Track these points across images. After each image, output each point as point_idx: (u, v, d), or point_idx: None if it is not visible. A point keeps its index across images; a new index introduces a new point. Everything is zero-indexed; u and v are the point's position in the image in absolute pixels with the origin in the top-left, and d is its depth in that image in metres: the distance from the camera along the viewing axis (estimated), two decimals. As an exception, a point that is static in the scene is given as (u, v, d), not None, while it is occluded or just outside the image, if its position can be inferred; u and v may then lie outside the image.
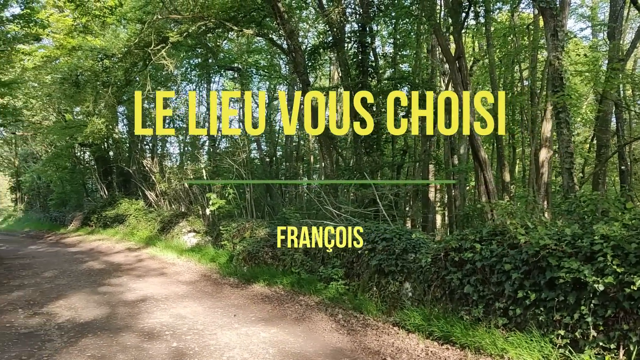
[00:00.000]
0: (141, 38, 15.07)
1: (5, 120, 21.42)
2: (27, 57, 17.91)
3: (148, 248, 16.52)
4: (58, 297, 9.31)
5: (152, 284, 10.62)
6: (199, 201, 17.51)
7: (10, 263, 14.19)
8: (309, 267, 9.20)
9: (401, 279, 7.12)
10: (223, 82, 26.23)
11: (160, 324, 7.23)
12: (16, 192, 42.67)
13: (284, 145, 23.16)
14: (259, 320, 7.35)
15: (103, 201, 25.34)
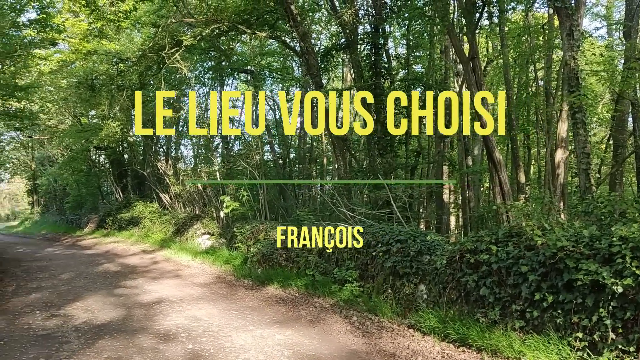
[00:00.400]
0: (155, 42, 15.20)
1: (22, 124, 21.71)
2: (43, 62, 18.14)
3: (163, 250, 16.65)
4: (75, 299, 9.42)
5: (167, 286, 10.69)
6: (213, 203, 17.60)
7: (28, 265, 14.39)
8: (323, 269, 9.19)
9: (416, 281, 7.09)
10: (236, 85, 26.39)
11: (175, 325, 7.28)
12: (33, 195, 43.26)
13: (297, 147, 23.19)
14: (273, 322, 7.36)
15: (118, 204, 25.59)
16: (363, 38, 14.52)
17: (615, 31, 20.17)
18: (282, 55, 23.44)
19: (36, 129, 30.10)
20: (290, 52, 24.41)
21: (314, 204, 17.57)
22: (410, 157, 14.89)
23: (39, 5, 16.30)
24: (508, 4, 13.50)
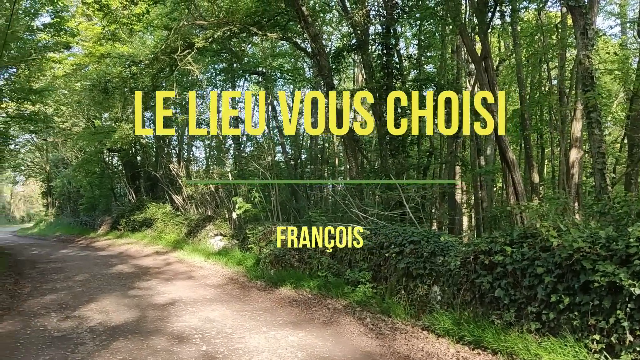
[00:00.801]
0: (167, 44, 15.29)
1: (37, 126, 21.99)
2: (57, 65, 18.36)
3: (176, 252, 16.75)
4: (89, 300, 9.50)
5: (181, 287, 10.75)
6: (225, 205, 17.66)
7: (43, 267, 14.55)
8: (336, 270, 9.18)
9: (429, 282, 7.05)
10: (248, 86, 26.48)
11: (189, 327, 7.31)
12: (47, 197, 43.76)
13: (309, 148, 23.22)
14: (286, 324, 7.36)
15: (131, 205, 25.78)
16: (374, 38, 14.51)
17: (629, 29, 19.93)
18: (293, 57, 23.50)
19: (50, 132, 30.41)
20: (301, 53, 24.50)
21: (326, 204, 17.55)
22: (422, 158, 14.83)
23: (53, 9, 16.52)
24: (520, 2, 13.40)
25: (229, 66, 19.53)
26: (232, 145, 24.61)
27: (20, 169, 43.15)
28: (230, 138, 22.57)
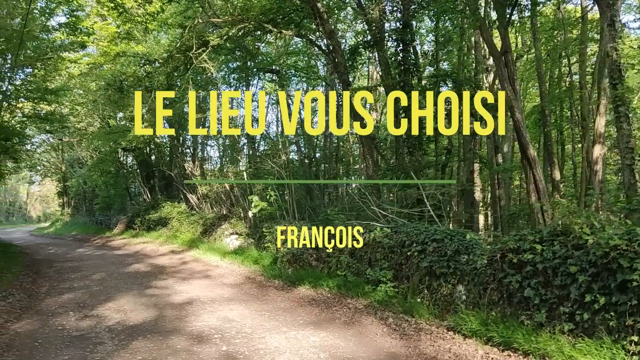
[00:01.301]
0: (182, 42, 15.24)
1: (53, 126, 22.11)
2: (73, 65, 18.42)
3: (191, 250, 16.70)
4: (107, 299, 9.45)
5: (198, 286, 10.66)
6: (241, 203, 17.56)
7: (60, 266, 14.58)
8: (355, 269, 9.01)
9: (454, 282, 6.86)
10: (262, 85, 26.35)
11: (208, 327, 7.20)
12: (63, 197, 44.10)
13: (323, 146, 23.04)
14: (307, 324, 7.22)
15: (146, 205, 25.83)
16: (391, 35, 14.29)
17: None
18: (307, 55, 23.35)
19: (66, 132, 30.59)
20: (315, 51, 24.35)
21: (342, 203, 17.36)
22: (440, 155, 14.59)
23: (68, 9, 16.55)
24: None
25: (243, 64, 19.41)
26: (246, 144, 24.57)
27: (36, 169, 43.55)
28: (245, 137, 22.52)
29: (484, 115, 10.81)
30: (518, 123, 12.03)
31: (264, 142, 24.84)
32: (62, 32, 16.27)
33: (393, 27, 15.20)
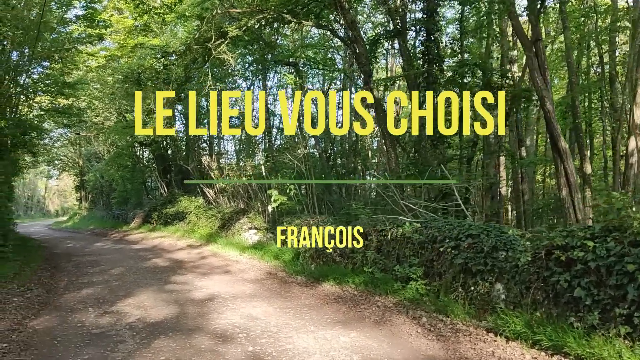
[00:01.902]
0: (200, 34, 14.95)
1: (70, 120, 22.03)
2: (90, 58, 18.29)
3: (209, 245, 16.48)
4: (127, 295, 9.23)
5: (218, 282, 10.40)
6: (259, 197, 17.28)
7: (79, 260, 14.45)
8: (382, 266, 8.66)
9: (491, 280, 6.47)
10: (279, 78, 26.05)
11: (232, 325, 6.91)
12: (81, 191, 44.35)
13: (341, 140, 22.65)
14: (335, 323, 6.89)
15: (163, 199, 25.70)
16: (415, 24, 13.84)
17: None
18: (324, 48, 22.93)
19: (83, 126, 30.64)
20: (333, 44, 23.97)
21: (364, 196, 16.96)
22: (464, 148, 14.15)
23: (85, 1, 16.38)
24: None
25: (261, 56, 19.07)
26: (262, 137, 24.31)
27: (54, 164, 43.84)
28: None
29: (484, 115, 10.50)
30: (549, 114, 11.59)
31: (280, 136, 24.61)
32: (80, 25, 16.11)
33: (415, 17, 14.80)
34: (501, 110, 13.15)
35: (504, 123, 13.39)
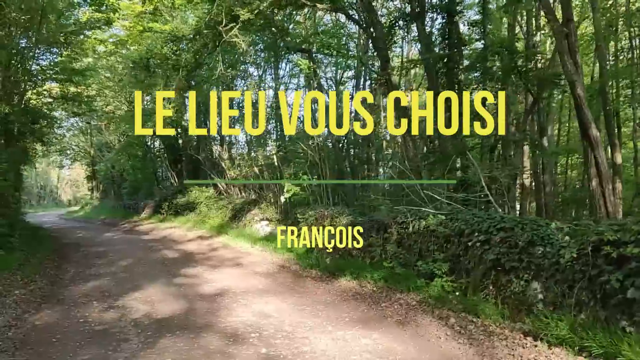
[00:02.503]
0: (211, 17, 14.39)
1: (80, 108, 21.64)
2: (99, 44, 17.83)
3: (220, 236, 16.05)
4: (133, 288, 8.80)
5: (229, 275, 9.94)
6: (271, 188, 16.79)
7: (87, 251, 14.10)
8: (403, 260, 8.11)
9: (527, 278, 5.89)
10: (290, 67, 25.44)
11: (243, 323, 6.43)
12: (92, 181, 44.23)
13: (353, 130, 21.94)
14: (354, 322, 6.37)
15: (173, 189, 25.33)
16: (435, 6, 13.17)
17: None
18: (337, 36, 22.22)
19: (94, 115, 30.35)
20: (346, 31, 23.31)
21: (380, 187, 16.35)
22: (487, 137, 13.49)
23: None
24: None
25: (272, 42, 18.46)
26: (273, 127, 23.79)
27: (65, 153, 43.73)
28: (274, 119, 21.71)
29: (484, 115, 10.40)
30: (579, 100, 10.90)
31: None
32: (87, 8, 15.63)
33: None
34: (501, 109, 12.71)
35: (504, 122, 12.89)
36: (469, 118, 12.62)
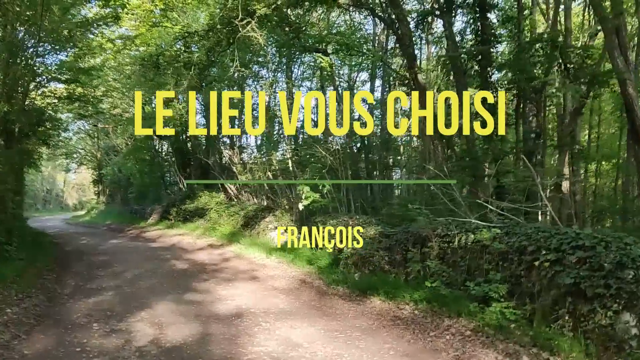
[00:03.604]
0: (225, 12, 13.50)
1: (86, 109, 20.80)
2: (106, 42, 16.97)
3: (232, 245, 15.05)
4: (139, 306, 7.83)
5: (245, 290, 8.96)
6: (286, 194, 15.81)
7: (90, 260, 13.17)
8: (447, 279, 7.08)
9: (616, 308, 4.87)
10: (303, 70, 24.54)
11: (269, 355, 5.44)
12: (99, 185, 43.52)
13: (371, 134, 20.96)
14: (400, 357, 5.36)
15: (182, 194, 24.39)
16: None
17: None
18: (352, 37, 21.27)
19: (101, 118, 29.61)
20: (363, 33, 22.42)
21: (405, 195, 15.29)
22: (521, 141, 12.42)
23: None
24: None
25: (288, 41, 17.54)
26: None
27: (72, 157, 43.10)
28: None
29: (484, 115, 10.17)
30: (630, 98, 9.93)
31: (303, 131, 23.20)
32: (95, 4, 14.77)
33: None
34: (501, 109, 12.04)
35: (504, 122, 12.14)
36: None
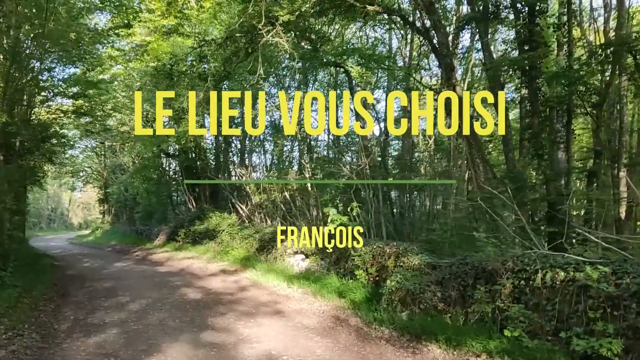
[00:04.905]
0: (245, 18, 12.45)
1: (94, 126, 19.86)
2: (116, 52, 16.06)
3: (246, 271, 13.73)
4: (148, 349, 6.57)
5: (270, 329, 7.65)
6: (307, 216, 14.52)
7: (93, 287, 11.94)
8: (529, 326, 5.74)
9: None
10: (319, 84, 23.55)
11: None
12: (104, 204, 42.52)
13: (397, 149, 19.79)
14: None
15: (191, 215, 23.14)
16: (513, 2, 11.05)
17: None
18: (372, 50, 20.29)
19: (108, 135, 28.69)
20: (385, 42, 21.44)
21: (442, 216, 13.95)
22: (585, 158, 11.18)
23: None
24: None
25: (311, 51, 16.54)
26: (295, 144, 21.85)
27: (78, 175, 42.26)
28: (303, 134, 19.65)
29: (484, 115, 9.92)
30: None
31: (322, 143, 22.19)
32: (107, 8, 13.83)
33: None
34: (501, 109, 11.61)
35: (504, 122, 11.33)
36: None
